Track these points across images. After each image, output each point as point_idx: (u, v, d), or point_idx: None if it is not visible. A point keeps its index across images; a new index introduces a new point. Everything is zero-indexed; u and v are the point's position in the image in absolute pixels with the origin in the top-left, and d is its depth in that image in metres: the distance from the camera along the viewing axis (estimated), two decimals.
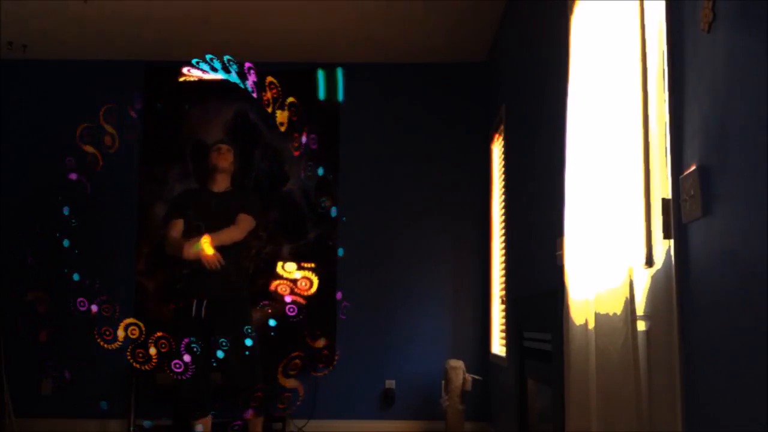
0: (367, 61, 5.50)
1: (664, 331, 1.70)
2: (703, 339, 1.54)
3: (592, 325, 2.08)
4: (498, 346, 4.82)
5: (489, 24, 4.89)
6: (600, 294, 2.03)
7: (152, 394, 5.00)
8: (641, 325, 1.82)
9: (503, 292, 4.56)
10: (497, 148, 5.08)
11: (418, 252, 5.42)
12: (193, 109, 5.41)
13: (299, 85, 4.19)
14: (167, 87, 5.16)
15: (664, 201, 1.71)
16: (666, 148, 1.71)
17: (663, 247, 1.71)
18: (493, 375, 4.95)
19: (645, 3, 1.86)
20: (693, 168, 1.57)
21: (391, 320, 5.35)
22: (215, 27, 4.94)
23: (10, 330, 5.03)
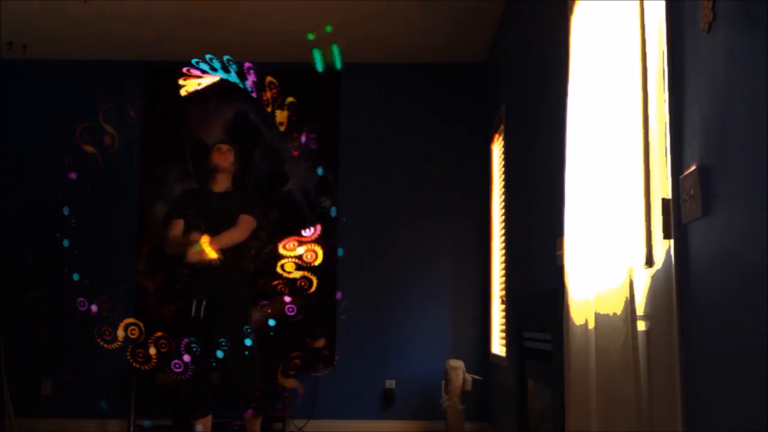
0: (367, 61, 5.49)
1: (664, 331, 1.70)
2: (703, 339, 1.54)
3: (592, 325, 2.09)
4: (498, 346, 4.81)
5: (489, 24, 4.89)
6: (600, 294, 2.03)
7: (152, 394, 5.00)
8: (641, 325, 1.82)
9: (503, 292, 4.56)
10: (497, 148, 5.07)
11: (418, 252, 5.42)
12: (193, 109, 5.41)
13: (299, 85, 4.20)
14: (167, 87, 5.16)
15: (664, 201, 1.71)
16: (666, 148, 1.71)
17: (663, 247, 1.71)
18: (493, 375, 4.95)
19: (645, 3, 1.86)
20: (693, 168, 1.57)
21: (391, 320, 5.35)
22: (215, 27, 4.94)
23: (10, 330, 5.03)
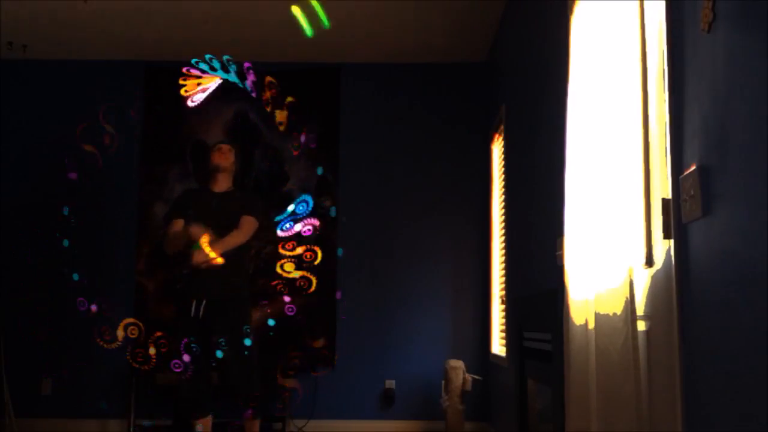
0: (367, 61, 5.50)
1: (664, 331, 1.70)
2: (703, 339, 1.54)
3: (592, 325, 2.08)
4: (498, 346, 4.81)
5: (489, 24, 4.89)
6: (600, 294, 2.03)
7: (152, 394, 5.00)
8: (641, 325, 1.82)
9: (503, 292, 4.56)
10: (497, 148, 5.07)
11: (418, 252, 5.42)
12: (193, 109, 5.40)
13: (299, 85, 4.20)
14: (167, 87, 5.16)
15: (664, 201, 1.71)
16: (666, 148, 1.71)
17: (663, 247, 1.71)
18: (493, 375, 4.95)
19: (645, 3, 1.86)
20: (693, 168, 1.57)
21: (391, 320, 5.35)
22: (215, 27, 4.94)
23: (10, 330, 5.03)
